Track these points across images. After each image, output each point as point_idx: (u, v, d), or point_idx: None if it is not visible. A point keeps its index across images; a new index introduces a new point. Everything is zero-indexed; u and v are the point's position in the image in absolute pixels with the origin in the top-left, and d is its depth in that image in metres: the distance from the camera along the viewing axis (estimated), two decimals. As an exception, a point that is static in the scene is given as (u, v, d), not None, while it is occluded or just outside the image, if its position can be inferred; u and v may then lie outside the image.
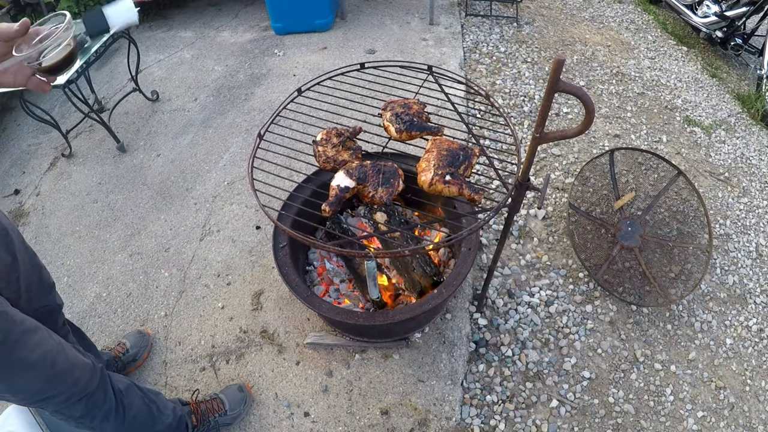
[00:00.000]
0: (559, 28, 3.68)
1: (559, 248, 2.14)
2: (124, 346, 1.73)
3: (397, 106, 1.31)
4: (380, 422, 1.59)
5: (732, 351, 1.85)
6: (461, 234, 1.06)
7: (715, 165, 2.59)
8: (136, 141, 2.81)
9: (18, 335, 0.92)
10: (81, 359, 1.08)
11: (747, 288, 2.04)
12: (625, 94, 3.03)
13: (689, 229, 2.07)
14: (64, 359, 1.02)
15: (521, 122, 2.77)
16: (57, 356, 1.00)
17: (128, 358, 1.72)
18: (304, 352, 1.77)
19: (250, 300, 1.94)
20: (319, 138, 1.29)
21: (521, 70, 3.16)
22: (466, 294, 1.92)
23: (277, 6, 3.46)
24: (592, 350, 1.82)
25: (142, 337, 1.80)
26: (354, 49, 3.40)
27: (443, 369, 1.70)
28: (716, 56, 3.63)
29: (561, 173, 2.48)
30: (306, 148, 1.38)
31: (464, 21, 3.69)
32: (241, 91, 3.09)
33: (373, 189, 1.14)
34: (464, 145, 1.22)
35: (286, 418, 1.61)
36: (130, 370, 1.75)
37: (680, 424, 1.65)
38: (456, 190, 1.11)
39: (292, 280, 1.51)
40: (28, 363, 0.94)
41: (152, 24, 4.05)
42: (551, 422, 1.63)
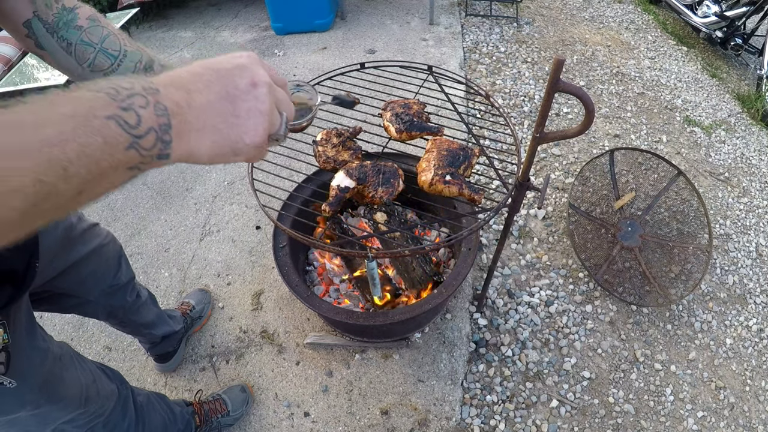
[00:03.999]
0: (559, 28, 3.68)
1: (559, 248, 2.14)
2: (189, 305, 1.81)
3: (397, 106, 1.31)
4: (380, 422, 1.59)
5: (732, 351, 1.85)
6: (461, 234, 1.06)
7: (715, 165, 2.59)
8: (136, 141, 2.80)
9: (59, 373, 0.92)
10: (109, 388, 1.09)
11: (747, 288, 2.04)
12: (625, 94, 3.03)
13: (689, 229, 2.07)
14: (97, 392, 1.03)
15: (521, 122, 2.77)
16: (89, 391, 1.01)
17: (195, 314, 1.80)
18: (304, 352, 1.77)
19: (250, 300, 1.94)
20: (319, 138, 1.29)
21: (521, 70, 3.16)
22: (466, 294, 1.92)
23: (277, 6, 3.46)
24: (592, 350, 1.82)
25: (204, 294, 1.89)
26: (354, 49, 3.40)
27: (443, 369, 1.70)
28: (716, 56, 3.63)
29: (561, 173, 2.48)
30: (306, 148, 1.38)
31: (464, 21, 3.69)
32: (241, 91, 3.09)
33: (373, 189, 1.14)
34: (464, 145, 1.22)
35: (286, 418, 1.61)
36: (197, 328, 1.83)
37: (680, 424, 1.65)
38: (456, 190, 1.11)
39: (292, 280, 1.51)
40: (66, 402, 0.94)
41: (152, 24, 4.05)
42: (551, 422, 1.63)
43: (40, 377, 0.86)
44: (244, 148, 0.47)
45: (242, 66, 0.47)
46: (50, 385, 0.89)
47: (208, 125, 0.44)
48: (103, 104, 0.36)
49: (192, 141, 0.43)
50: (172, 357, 1.70)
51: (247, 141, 0.47)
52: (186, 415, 1.41)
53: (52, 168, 0.33)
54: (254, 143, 0.47)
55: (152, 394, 1.31)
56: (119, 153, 0.36)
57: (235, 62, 0.47)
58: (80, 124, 0.34)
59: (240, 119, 0.46)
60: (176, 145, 0.41)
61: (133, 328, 1.48)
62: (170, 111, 0.40)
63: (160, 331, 1.57)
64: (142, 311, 1.44)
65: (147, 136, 0.38)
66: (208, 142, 0.44)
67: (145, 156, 0.39)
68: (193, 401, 1.52)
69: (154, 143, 0.39)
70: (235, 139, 0.46)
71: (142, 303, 1.42)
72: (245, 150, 0.47)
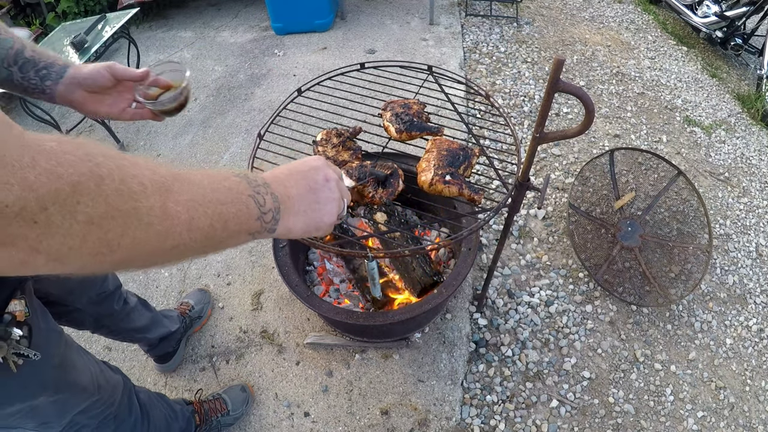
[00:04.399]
0: (559, 28, 3.68)
1: (559, 248, 2.14)
2: (188, 305, 1.81)
3: (397, 106, 1.31)
4: (380, 422, 1.59)
5: (732, 351, 1.85)
6: (461, 234, 1.06)
7: (715, 165, 2.59)
8: (136, 141, 2.81)
9: (72, 358, 0.95)
10: (115, 378, 1.12)
11: (747, 288, 2.04)
12: (625, 94, 3.03)
13: (689, 229, 2.07)
14: (105, 380, 1.06)
15: (521, 122, 2.77)
16: (99, 377, 1.04)
17: (195, 314, 1.80)
18: (304, 352, 1.77)
19: (250, 300, 1.94)
20: (319, 138, 1.29)
21: (521, 70, 3.16)
22: (466, 294, 1.92)
23: (277, 6, 3.46)
24: (592, 350, 1.82)
25: (203, 294, 1.89)
26: (354, 49, 3.40)
27: (443, 369, 1.70)
28: (716, 56, 3.63)
29: (561, 173, 2.48)
30: (306, 148, 1.38)
31: (464, 21, 3.69)
32: (241, 91, 3.09)
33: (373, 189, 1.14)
34: (464, 145, 1.22)
35: (286, 418, 1.61)
36: (196, 328, 1.83)
37: (680, 424, 1.65)
38: (456, 190, 1.11)
39: (292, 280, 1.51)
40: (82, 387, 0.97)
41: (152, 24, 4.05)
42: (551, 422, 1.63)
43: (57, 358, 0.89)
44: (323, 225, 0.62)
45: (317, 167, 0.63)
46: (66, 367, 0.92)
47: (300, 210, 0.59)
48: (245, 187, 0.51)
49: (291, 221, 0.57)
50: (171, 357, 1.70)
51: (327, 220, 0.62)
52: (186, 413, 1.41)
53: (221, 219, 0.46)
54: (331, 222, 0.63)
55: (152, 393, 1.32)
56: (252, 221, 0.51)
57: (311, 164, 0.63)
58: (236, 196, 0.49)
59: (320, 205, 0.61)
60: (281, 223, 0.56)
61: (126, 335, 1.47)
62: (280, 199, 0.55)
63: (155, 333, 1.56)
64: (133, 317, 1.43)
65: (268, 214, 0.53)
66: (301, 223, 0.59)
67: (263, 227, 0.53)
68: (192, 400, 1.52)
69: (271, 219, 0.53)
70: (318, 219, 0.61)
71: (131, 309, 1.41)
72: (324, 227, 0.63)
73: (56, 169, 0.34)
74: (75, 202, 0.34)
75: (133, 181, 0.39)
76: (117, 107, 0.89)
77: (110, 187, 0.37)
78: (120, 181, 0.37)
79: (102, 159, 0.37)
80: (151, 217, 0.39)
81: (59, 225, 0.34)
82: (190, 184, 0.44)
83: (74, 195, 0.34)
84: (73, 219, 0.34)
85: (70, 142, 0.36)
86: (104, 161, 0.37)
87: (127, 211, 0.38)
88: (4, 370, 0.76)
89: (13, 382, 0.79)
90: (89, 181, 0.35)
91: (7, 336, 0.77)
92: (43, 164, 0.33)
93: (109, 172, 0.37)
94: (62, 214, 0.34)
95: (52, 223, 0.34)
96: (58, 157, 0.34)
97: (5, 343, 0.76)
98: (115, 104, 0.89)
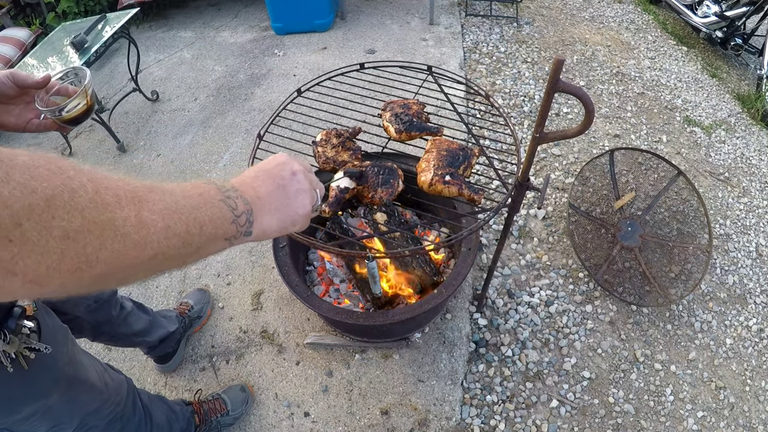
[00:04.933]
0: (559, 28, 3.68)
1: (559, 248, 2.14)
2: (188, 305, 1.81)
3: (396, 106, 1.31)
4: (380, 422, 1.59)
5: (732, 351, 1.85)
6: (461, 234, 1.06)
7: (715, 165, 2.59)
8: (136, 141, 2.81)
9: (78, 356, 0.95)
10: (119, 377, 1.13)
11: (747, 288, 2.04)
12: (625, 94, 3.03)
13: (689, 229, 2.07)
14: (110, 378, 1.06)
15: (521, 122, 2.77)
16: (104, 375, 1.04)
17: (194, 314, 1.80)
18: (304, 352, 1.77)
19: (250, 300, 1.94)
20: (319, 138, 1.29)
21: (521, 70, 3.16)
22: (466, 294, 1.92)
23: (277, 6, 3.46)
24: (592, 350, 1.82)
25: (203, 294, 1.89)
26: (354, 49, 3.40)
27: (443, 369, 1.70)
28: (716, 56, 3.63)
29: (561, 173, 2.48)
30: (306, 148, 1.38)
31: (464, 21, 3.69)
32: (241, 91, 3.09)
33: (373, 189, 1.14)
34: (464, 145, 1.22)
35: (286, 418, 1.61)
36: (196, 328, 1.83)
37: (680, 424, 1.65)
38: (456, 190, 1.11)
39: (292, 280, 1.51)
40: (91, 383, 0.97)
41: (152, 24, 4.05)
42: (551, 422, 1.63)
43: (65, 355, 0.89)
44: (298, 219, 0.63)
45: (282, 163, 0.63)
46: (75, 364, 0.92)
47: (273, 208, 0.59)
48: (215, 192, 0.51)
49: (265, 221, 0.58)
50: (171, 357, 1.70)
51: (301, 212, 0.63)
52: (186, 414, 1.42)
53: (197, 223, 0.46)
54: (305, 213, 0.63)
55: (152, 395, 1.32)
56: (227, 224, 0.51)
57: (276, 161, 0.64)
58: (207, 201, 0.49)
59: (291, 199, 0.61)
60: (256, 225, 0.56)
61: (125, 340, 1.47)
62: (250, 201, 0.55)
63: (154, 335, 1.57)
64: (130, 321, 1.43)
65: (241, 217, 0.53)
66: (276, 221, 0.60)
67: (239, 230, 0.53)
68: (192, 401, 1.53)
69: (245, 222, 0.54)
70: (292, 213, 0.62)
71: (128, 313, 1.42)
72: (299, 220, 0.63)
73: (30, 183, 0.33)
74: (50, 216, 0.33)
75: (106, 192, 0.38)
76: (23, 118, 0.84)
77: (84, 199, 0.36)
78: (94, 193, 0.37)
79: (73, 172, 0.37)
80: (127, 228, 0.39)
81: (35, 242, 0.33)
82: (163, 193, 0.44)
83: (49, 209, 0.33)
84: (49, 235, 0.33)
85: (42, 156, 0.35)
86: (76, 174, 0.37)
87: (103, 223, 0.37)
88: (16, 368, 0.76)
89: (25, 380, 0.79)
90: (63, 193, 0.35)
91: (19, 330, 0.77)
92: (18, 178, 0.32)
93: (82, 184, 0.36)
94: (38, 230, 0.33)
95: (27, 240, 0.32)
96: (31, 171, 0.33)
97: (17, 337, 0.76)
98: (21, 115, 0.84)
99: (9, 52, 2.90)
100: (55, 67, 2.44)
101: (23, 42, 3.04)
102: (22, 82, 0.81)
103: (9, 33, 3.10)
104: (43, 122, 0.86)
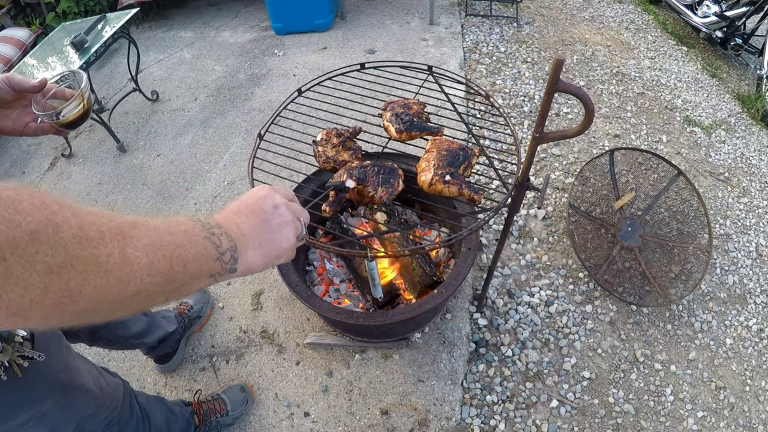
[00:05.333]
0: (559, 28, 3.68)
1: (559, 248, 2.14)
2: (187, 304, 1.81)
3: (397, 106, 1.31)
4: (380, 422, 1.59)
5: (732, 351, 1.85)
6: (461, 234, 1.06)
7: (715, 165, 2.59)
8: (136, 141, 2.81)
9: (73, 362, 0.95)
10: (115, 381, 1.13)
11: (747, 288, 2.04)
12: (625, 94, 3.03)
13: (689, 229, 2.07)
14: (106, 383, 1.06)
15: (521, 122, 2.77)
16: (100, 380, 1.04)
17: (194, 314, 1.80)
18: (304, 352, 1.77)
19: (250, 300, 1.94)
20: (319, 138, 1.29)
21: (521, 70, 3.16)
22: (466, 294, 1.92)
23: (277, 6, 3.46)
24: (592, 350, 1.82)
25: (203, 294, 1.89)
26: (354, 49, 3.40)
27: (443, 369, 1.70)
28: (716, 56, 3.63)
29: (561, 173, 2.48)
30: (306, 148, 1.38)
31: (464, 21, 3.69)
32: (241, 91, 3.09)
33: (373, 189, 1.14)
34: (464, 145, 1.22)
35: (286, 418, 1.61)
36: (196, 328, 1.83)
37: (680, 424, 1.65)
38: (456, 190, 1.11)
39: (292, 280, 1.51)
40: (87, 389, 0.97)
41: (152, 24, 4.05)
42: (551, 422, 1.63)
43: (60, 361, 0.89)
44: (283, 252, 0.63)
45: (263, 197, 0.63)
46: (69, 370, 0.92)
47: (256, 244, 0.59)
48: (200, 229, 0.51)
49: (249, 257, 0.58)
50: (171, 357, 1.70)
51: (285, 246, 0.62)
52: (186, 414, 1.42)
53: (180, 261, 0.46)
54: (289, 246, 0.63)
55: (150, 396, 1.32)
56: (211, 261, 0.51)
57: (258, 195, 0.63)
58: (192, 238, 0.49)
59: (275, 233, 0.61)
60: (241, 261, 0.56)
61: (123, 343, 1.47)
62: (234, 237, 0.55)
63: (153, 336, 1.56)
64: (128, 323, 1.43)
65: (226, 254, 0.53)
66: (260, 256, 0.59)
67: (223, 267, 0.53)
68: (191, 401, 1.52)
69: (230, 259, 0.54)
70: (277, 248, 0.62)
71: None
72: (284, 253, 0.63)
73: (14, 217, 0.33)
74: (34, 251, 0.34)
75: (90, 228, 0.39)
76: (21, 122, 0.84)
77: (68, 234, 0.36)
78: (78, 228, 0.37)
79: (57, 207, 0.37)
80: (110, 264, 0.39)
81: (19, 276, 0.33)
82: (147, 229, 0.44)
83: (33, 243, 0.34)
84: (33, 269, 0.34)
85: (26, 190, 0.36)
86: (60, 209, 0.37)
87: (86, 259, 0.37)
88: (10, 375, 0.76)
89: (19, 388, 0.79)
90: (47, 228, 0.35)
91: (11, 339, 0.77)
92: (2, 212, 0.33)
93: (66, 219, 0.37)
94: (21, 264, 0.33)
95: (11, 274, 0.33)
96: (16, 205, 0.34)
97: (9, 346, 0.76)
98: (19, 119, 0.84)
99: (9, 52, 2.90)
100: (55, 67, 2.43)
101: (23, 42, 3.04)
102: (19, 86, 0.80)
103: (9, 33, 3.10)
104: (41, 126, 0.85)
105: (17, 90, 0.81)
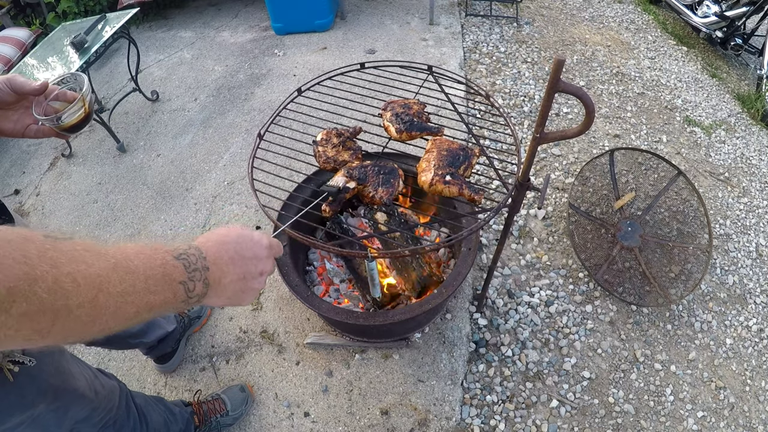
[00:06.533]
0: (559, 28, 3.68)
1: (559, 248, 2.14)
2: None
3: (397, 106, 1.31)
4: (380, 422, 1.59)
5: (732, 351, 1.85)
6: (461, 234, 1.06)
7: (715, 165, 2.59)
8: (136, 141, 2.81)
9: (66, 365, 0.95)
10: (111, 383, 1.13)
11: (747, 288, 2.04)
12: (625, 94, 3.03)
13: (689, 229, 2.07)
14: (101, 386, 1.06)
15: (521, 122, 2.77)
16: (95, 383, 1.04)
17: (193, 314, 1.80)
18: (304, 352, 1.77)
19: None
20: (319, 138, 1.29)
21: (521, 70, 3.16)
22: (466, 294, 1.92)
23: (277, 6, 3.46)
24: (592, 350, 1.82)
25: None
26: (354, 49, 3.40)
27: (443, 369, 1.70)
28: (716, 56, 3.63)
29: (561, 173, 2.48)
30: (306, 148, 1.38)
31: (464, 21, 3.69)
32: (241, 91, 3.09)
33: (373, 189, 1.14)
34: (464, 145, 1.22)
35: (286, 418, 1.61)
36: (196, 328, 1.82)
37: (680, 424, 1.65)
38: (456, 190, 1.11)
39: (292, 280, 1.51)
40: (80, 393, 0.96)
41: (152, 24, 4.05)
42: (551, 422, 1.63)
43: (52, 364, 0.88)
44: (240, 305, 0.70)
45: (258, 258, 0.68)
46: (62, 373, 0.92)
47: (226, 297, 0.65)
48: (180, 273, 0.54)
49: (212, 301, 0.63)
50: (171, 357, 1.69)
51: (244, 304, 0.70)
52: (185, 415, 1.41)
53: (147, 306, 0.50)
54: (248, 303, 0.71)
55: (149, 397, 1.32)
56: (177, 303, 0.55)
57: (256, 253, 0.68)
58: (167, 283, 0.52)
59: (245, 294, 0.67)
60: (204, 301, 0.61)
61: (121, 343, 1.47)
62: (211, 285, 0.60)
63: (152, 336, 1.56)
64: None
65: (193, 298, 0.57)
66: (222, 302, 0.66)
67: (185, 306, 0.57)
68: (191, 401, 1.52)
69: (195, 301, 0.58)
70: (237, 302, 0.68)
71: None
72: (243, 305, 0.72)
73: None
74: (11, 302, 0.38)
75: (66, 279, 0.42)
76: (22, 124, 0.84)
77: (43, 288, 0.40)
78: (53, 281, 0.41)
79: (37, 260, 0.40)
80: (80, 311, 0.43)
81: None
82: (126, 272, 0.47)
83: (9, 297, 0.38)
84: (8, 315, 0.38)
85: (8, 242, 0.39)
86: (39, 263, 0.40)
87: (58, 308, 0.41)
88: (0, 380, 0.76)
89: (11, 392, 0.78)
90: (24, 284, 0.39)
91: None
92: None
93: (43, 274, 0.40)
94: None
95: None
96: None
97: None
98: (20, 121, 0.84)
99: (9, 52, 2.90)
100: (55, 67, 2.43)
101: (23, 42, 3.04)
102: (20, 89, 0.80)
103: (9, 33, 3.10)
104: (42, 128, 0.85)
105: (18, 92, 0.80)
